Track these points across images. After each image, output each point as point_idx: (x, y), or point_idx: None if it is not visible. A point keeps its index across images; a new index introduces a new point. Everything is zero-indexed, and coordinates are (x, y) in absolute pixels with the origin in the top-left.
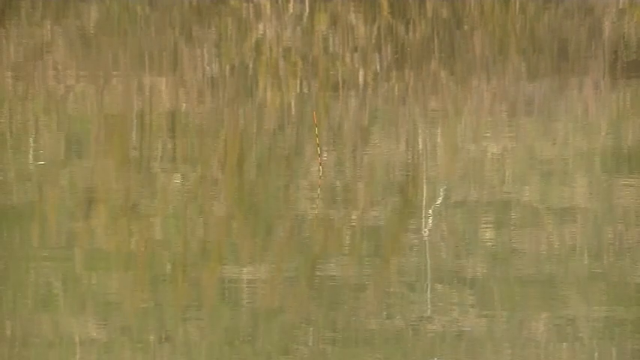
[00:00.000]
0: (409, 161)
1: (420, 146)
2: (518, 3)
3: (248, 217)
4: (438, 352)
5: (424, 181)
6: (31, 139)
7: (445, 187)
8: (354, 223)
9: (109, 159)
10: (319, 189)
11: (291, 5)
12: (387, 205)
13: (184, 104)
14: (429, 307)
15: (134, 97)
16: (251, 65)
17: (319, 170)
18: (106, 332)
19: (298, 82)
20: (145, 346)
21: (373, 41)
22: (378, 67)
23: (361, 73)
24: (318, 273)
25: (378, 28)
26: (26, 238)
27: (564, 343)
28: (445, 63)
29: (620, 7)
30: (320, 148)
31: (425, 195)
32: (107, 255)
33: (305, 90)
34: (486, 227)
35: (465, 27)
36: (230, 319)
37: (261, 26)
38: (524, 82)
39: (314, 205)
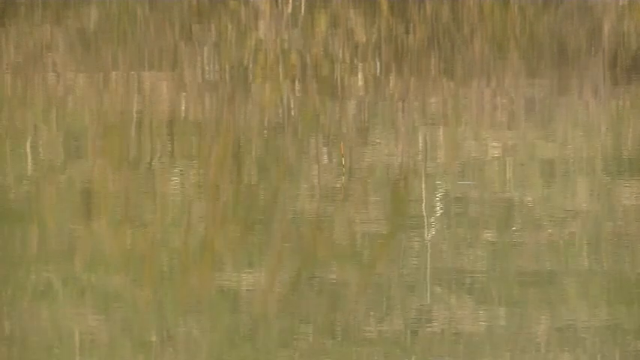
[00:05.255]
0: (409, 162)
1: (420, 147)
2: (517, 4)
3: (247, 219)
4: (437, 354)
5: (424, 182)
6: (29, 140)
7: (445, 188)
8: (353, 225)
9: (108, 160)
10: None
11: (290, 6)
12: (386, 207)
13: (184, 105)
14: (429, 308)
15: (133, 98)
16: (250, 66)
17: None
18: (105, 334)
19: (297, 82)
20: (146, 347)
21: (373, 42)
22: (377, 68)
23: (360, 74)
24: (317, 275)
25: (378, 29)
26: (24, 239)
27: (566, 346)
28: (445, 64)
29: (620, 8)
30: (344, 173)
31: (425, 196)
32: (106, 256)
33: (304, 91)
34: (487, 228)
35: (465, 28)
36: (229, 322)
37: (260, 27)
38: (524, 83)
39: (313, 208)
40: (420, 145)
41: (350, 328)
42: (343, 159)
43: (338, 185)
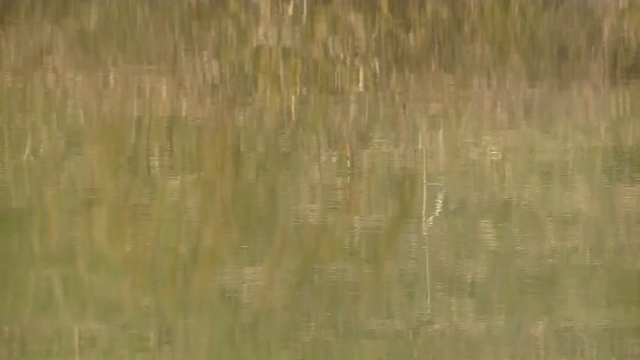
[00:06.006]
0: (409, 164)
1: (420, 149)
2: (517, 5)
3: (247, 220)
4: (437, 356)
5: (424, 183)
6: (29, 140)
7: (445, 189)
8: (353, 226)
9: (108, 161)
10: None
11: (290, 7)
12: (386, 208)
13: (184, 106)
14: (428, 310)
15: (133, 99)
16: (250, 67)
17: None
18: (105, 335)
19: (298, 84)
20: (145, 348)
21: (373, 43)
22: (377, 69)
23: (361, 75)
24: (317, 276)
25: (378, 30)
26: (23, 240)
27: (565, 348)
28: (445, 65)
29: (620, 9)
30: (350, 174)
31: (425, 198)
32: (106, 257)
33: (305, 92)
34: (487, 229)
35: (465, 28)
36: (229, 322)
37: (260, 28)
38: (524, 84)
39: (313, 208)
40: (420, 145)
41: (351, 326)
42: (349, 161)
43: (341, 186)
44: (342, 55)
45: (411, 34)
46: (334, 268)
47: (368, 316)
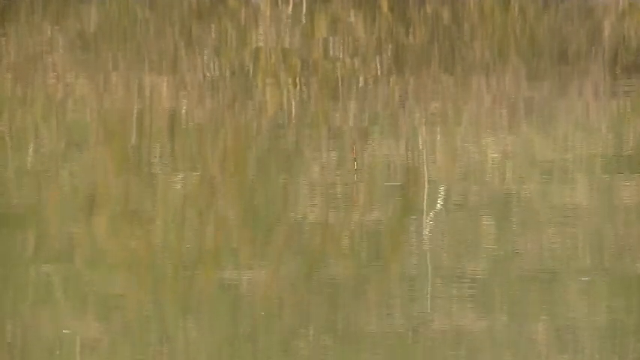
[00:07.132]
0: (409, 163)
1: (421, 148)
2: (517, 5)
3: (248, 219)
4: (438, 355)
5: (425, 183)
6: (30, 141)
7: (445, 189)
8: (354, 225)
9: (109, 161)
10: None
11: (290, 7)
12: (387, 207)
13: (184, 106)
14: (429, 309)
15: (134, 99)
16: (250, 67)
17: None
18: (105, 335)
19: (298, 83)
20: (145, 348)
21: (373, 42)
22: (378, 69)
23: (361, 75)
24: (317, 275)
25: (378, 30)
26: (25, 241)
27: (565, 345)
28: (445, 65)
29: (620, 9)
30: (356, 174)
31: (425, 197)
32: (107, 257)
33: (305, 92)
34: (487, 229)
35: (465, 29)
36: (230, 322)
37: (260, 27)
38: (524, 84)
39: (314, 208)
40: (421, 145)
41: (353, 323)
42: (355, 162)
43: (343, 186)
44: (342, 55)
45: (411, 34)
46: (336, 267)
47: (370, 314)
